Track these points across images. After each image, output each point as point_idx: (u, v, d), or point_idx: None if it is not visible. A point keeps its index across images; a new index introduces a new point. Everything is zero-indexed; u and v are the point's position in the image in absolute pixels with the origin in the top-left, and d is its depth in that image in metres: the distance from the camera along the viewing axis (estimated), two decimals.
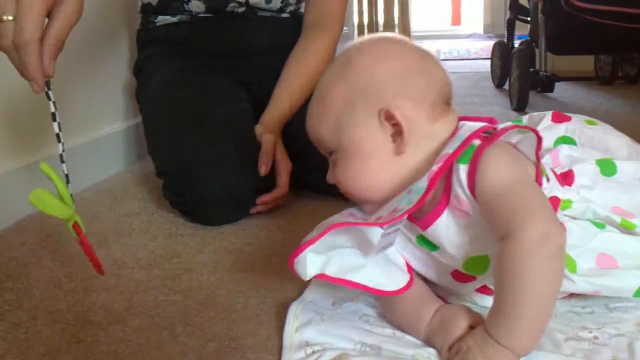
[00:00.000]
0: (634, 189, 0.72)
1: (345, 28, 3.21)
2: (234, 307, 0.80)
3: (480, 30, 6.22)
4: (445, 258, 0.70)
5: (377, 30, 4.97)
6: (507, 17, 2.75)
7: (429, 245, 0.70)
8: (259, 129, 1.18)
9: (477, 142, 0.65)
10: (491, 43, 3.12)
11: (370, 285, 0.67)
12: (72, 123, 1.39)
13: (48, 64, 0.71)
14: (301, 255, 0.65)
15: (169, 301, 0.83)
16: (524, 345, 0.59)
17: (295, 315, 0.74)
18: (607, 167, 0.72)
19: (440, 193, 0.66)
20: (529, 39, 2.43)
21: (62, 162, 0.73)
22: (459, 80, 3.15)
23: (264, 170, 1.10)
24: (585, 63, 2.77)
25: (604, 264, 0.68)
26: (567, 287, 0.67)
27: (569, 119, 0.79)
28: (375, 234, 0.68)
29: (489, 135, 0.67)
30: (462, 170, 0.64)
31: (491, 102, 2.41)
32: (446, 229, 0.67)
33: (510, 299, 0.59)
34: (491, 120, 0.71)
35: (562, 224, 0.63)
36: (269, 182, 1.14)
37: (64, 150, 0.74)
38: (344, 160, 0.70)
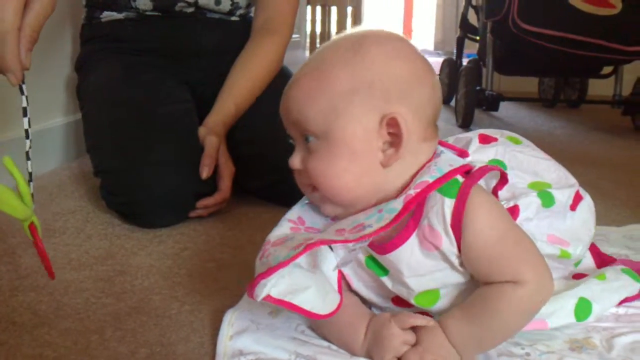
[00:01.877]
0: (563, 216, 0.74)
1: (296, 36, 3.22)
2: (167, 313, 0.78)
3: (431, 46, 6.33)
4: (395, 285, 0.68)
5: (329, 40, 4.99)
6: (457, 35, 2.80)
7: (379, 269, 0.69)
8: (202, 131, 1.16)
9: (460, 178, 0.64)
10: (440, 59, 3.17)
11: (307, 307, 0.64)
12: (10, 115, 1.34)
13: (24, 55, 0.69)
14: (259, 285, 0.61)
15: (100, 304, 0.80)
16: (472, 357, 0.65)
17: (230, 323, 0.73)
18: (546, 199, 0.72)
19: (408, 218, 0.64)
20: (476, 57, 2.48)
21: (28, 159, 0.70)
22: None
23: (205, 172, 1.09)
24: (529, 84, 2.84)
25: None
26: None
27: (495, 139, 0.78)
28: (335, 248, 0.67)
29: (470, 173, 0.65)
30: (447, 205, 0.62)
31: None
32: (409, 256, 0.65)
33: (480, 323, 0.63)
34: (462, 153, 0.72)
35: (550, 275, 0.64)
36: (210, 186, 1.12)
37: (30, 147, 0.71)
38: (325, 151, 0.64)
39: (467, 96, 2.23)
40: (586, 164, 1.65)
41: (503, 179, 0.69)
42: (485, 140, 0.78)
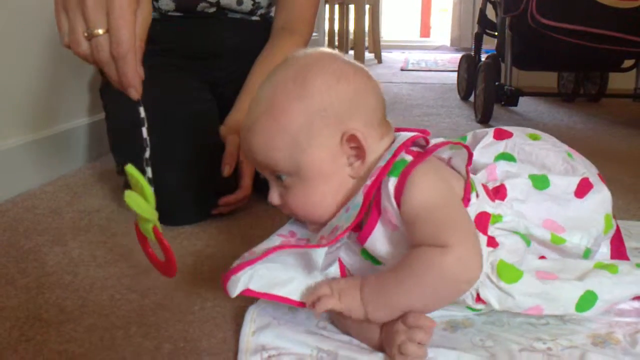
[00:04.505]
0: (567, 202, 0.74)
1: (315, 34, 3.22)
2: (191, 309, 0.79)
3: (448, 43, 6.30)
4: None
5: (347, 38, 4.99)
6: (475, 31, 2.79)
7: (373, 259, 0.71)
8: (223, 130, 1.17)
9: (409, 158, 0.67)
10: (458, 55, 3.16)
11: (297, 298, 0.69)
12: (36, 115, 1.36)
13: (139, 67, 0.71)
14: (231, 282, 0.65)
15: (125, 300, 0.81)
16: (376, 315, 0.65)
17: (252, 319, 0.74)
18: (540, 181, 0.74)
19: (372, 207, 0.67)
20: (495, 53, 2.46)
21: (147, 165, 0.74)
22: (425, 90, 3.18)
23: (226, 171, 1.10)
24: (549, 79, 2.82)
25: (543, 276, 0.69)
26: (507, 303, 0.67)
27: (510, 135, 0.80)
28: (319, 253, 0.68)
29: (422, 152, 0.68)
30: (391, 183, 0.65)
31: (456, 113, 2.43)
32: (381, 240, 0.68)
33: (394, 283, 0.63)
34: (424, 132, 0.72)
35: (482, 261, 0.64)
36: (232, 184, 1.13)
37: (150, 155, 0.74)
38: (300, 185, 0.69)
39: (486, 92, 2.22)
40: (607, 158, 1.63)
41: (470, 156, 0.71)
42: (500, 135, 0.80)
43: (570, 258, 0.75)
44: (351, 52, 4.86)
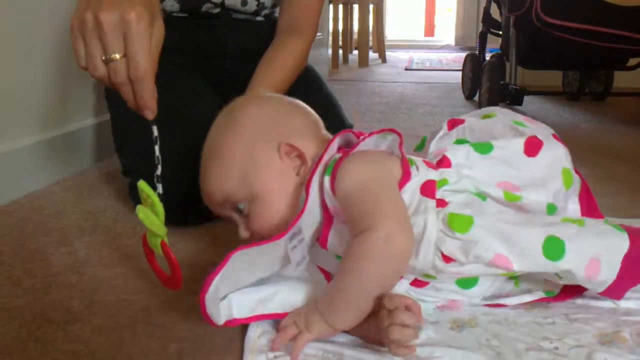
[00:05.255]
0: (519, 163, 0.75)
1: (319, 34, 3.22)
2: (197, 309, 0.79)
3: (452, 42, 6.30)
4: None
5: (351, 38, 4.99)
6: (480, 30, 2.78)
7: None
8: None
9: (338, 155, 0.73)
10: (462, 55, 3.15)
11: (286, 310, 0.72)
12: (42, 117, 1.37)
13: (154, 89, 0.73)
14: (210, 301, 0.66)
15: (131, 300, 0.82)
16: (340, 324, 0.67)
17: (257, 323, 0.73)
18: (481, 147, 0.76)
19: (321, 211, 0.72)
20: (499, 52, 2.46)
21: (158, 182, 0.76)
22: (430, 90, 3.18)
23: None
24: (553, 78, 2.81)
25: (503, 222, 0.70)
26: (471, 253, 0.68)
27: (462, 122, 0.82)
28: (279, 248, 0.70)
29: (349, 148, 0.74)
30: (327, 180, 0.70)
31: (461, 112, 2.41)
32: (339, 239, 0.71)
33: (341, 286, 0.66)
34: (359, 135, 0.78)
35: (411, 232, 0.67)
36: None
37: (162, 172, 0.77)
38: (260, 207, 0.75)
39: (491, 91, 2.22)
40: (612, 157, 1.63)
41: (401, 137, 0.75)
42: (453, 124, 0.82)
43: (534, 215, 0.74)
44: (355, 52, 4.86)
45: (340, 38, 4.56)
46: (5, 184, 1.22)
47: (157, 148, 0.76)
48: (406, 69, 4.33)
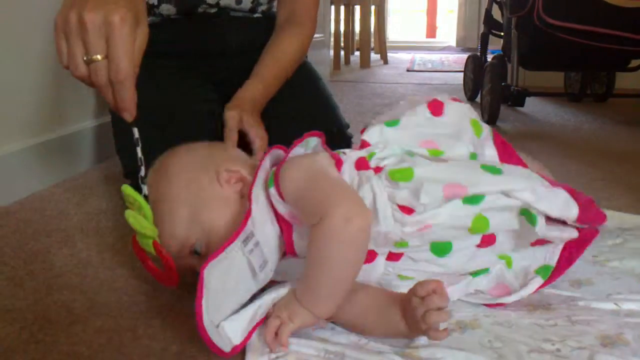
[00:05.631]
0: (431, 123, 0.84)
1: (321, 35, 3.22)
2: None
3: (453, 43, 6.30)
4: None
5: (353, 39, 4.98)
6: (481, 32, 2.78)
7: None
8: (225, 111, 1.14)
9: (274, 169, 0.76)
10: (464, 56, 3.15)
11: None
12: (43, 118, 1.37)
13: (134, 92, 0.73)
14: (210, 327, 0.66)
15: (133, 302, 0.82)
16: (320, 309, 0.70)
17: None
18: (390, 122, 0.84)
19: (274, 222, 0.74)
20: (501, 53, 2.46)
21: (143, 183, 0.76)
22: (431, 91, 3.17)
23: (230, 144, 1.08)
24: (555, 79, 2.81)
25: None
26: (427, 195, 0.72)
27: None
28: (234, 255, 0.71)
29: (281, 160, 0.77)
30: (272, 190, 0.73)
31: None
32: (305, 240, 0.72)
33: (312, 273, 0.69)
34: (285, 150, 0.81)
35: (365, 206, 0.71)
36: None
37: (146, 174, 0.77)
38: (214, 239, 0.75)
39: (493, 92, 2.21)
40: (614, 158, 1.63)
41: (323, 137, 0.82)
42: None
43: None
44: (357, 53, 4.86)
45: (342, 39, 4.56)
46: (6, 185, 1.22)
47: (139, 150, 0.76)
48: (408, 70, 4.33)
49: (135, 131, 0.77)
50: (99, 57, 0.69)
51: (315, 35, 3.30)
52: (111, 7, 0.68)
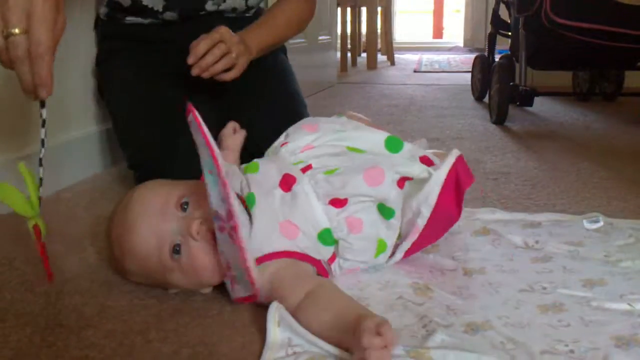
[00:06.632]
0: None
1: (327, 37, 3.22)
2: (209, 313, 0.79)
3: (461, 44, 6.29)
4: None
5: (360, 41, 4.98)
6: (488, 32, 2.77)
7: None
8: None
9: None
10: (471, 56, 3.14)
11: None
12: (51, 122, 1.37)
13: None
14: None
15: (143, 305, 0.82)
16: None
17: (276, 308, 0.72)
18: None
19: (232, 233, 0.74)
20: (509, 53, 2.45)
21: (40, 165, 0.76)
22: (439, 92, 3.17)
23: (194, 44, 1.11)
24: (563, 78, 2.80)
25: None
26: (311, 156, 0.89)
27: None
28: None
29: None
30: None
31: (470, 114, 2.42)
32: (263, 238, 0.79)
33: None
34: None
35: None
36: None
37: (43, 155, 0.77)
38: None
39: (501, 92, 2.21)
40: (623, 158, 1.62)
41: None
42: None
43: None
44: (364, 55, 4.85)
45: (349, 41, 4.56)
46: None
47: (43, 131, 0.77)
48: (415, 71, 4.33)
49: (44, 112, 0.78)
50: (17, 30, 0.71)
51: (322, 37, 3.31)
52: None
